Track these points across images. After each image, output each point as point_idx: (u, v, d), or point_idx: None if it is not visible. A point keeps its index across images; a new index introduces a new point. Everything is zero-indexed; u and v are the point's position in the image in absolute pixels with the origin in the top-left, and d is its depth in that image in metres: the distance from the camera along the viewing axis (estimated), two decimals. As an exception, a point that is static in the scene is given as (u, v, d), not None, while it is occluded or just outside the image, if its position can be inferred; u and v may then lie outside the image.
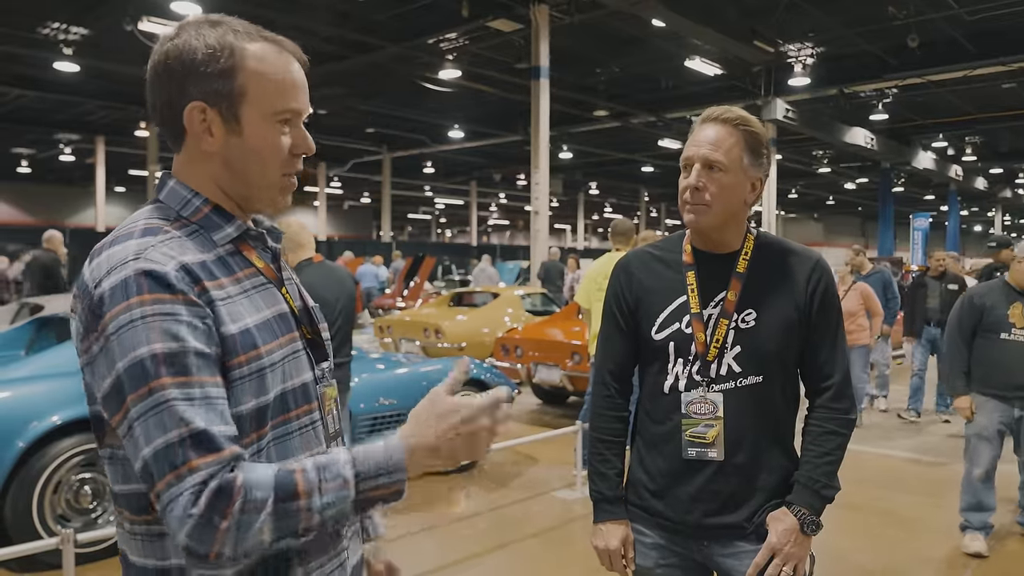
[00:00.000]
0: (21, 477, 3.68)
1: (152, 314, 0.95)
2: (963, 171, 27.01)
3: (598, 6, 11.86)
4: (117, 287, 0.96)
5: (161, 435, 0.93)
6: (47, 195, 33.01)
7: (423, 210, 46.02)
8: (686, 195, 1.66)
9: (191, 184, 1.11)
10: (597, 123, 20.26)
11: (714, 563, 1.73)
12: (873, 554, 4.18)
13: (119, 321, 0.95)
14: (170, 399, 0.93)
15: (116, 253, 1.00)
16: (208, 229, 1.09)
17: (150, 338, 0.94)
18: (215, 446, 0.93)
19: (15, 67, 16.02)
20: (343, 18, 12.90)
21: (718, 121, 1.65)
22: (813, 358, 1.71)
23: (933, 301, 7.45)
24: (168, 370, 0.94)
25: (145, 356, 0.94)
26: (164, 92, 1.08)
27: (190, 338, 0.96)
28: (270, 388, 1.06)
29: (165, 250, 1.01)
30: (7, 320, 6.37)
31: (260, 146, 1.09)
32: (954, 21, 12.93)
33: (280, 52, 1.11)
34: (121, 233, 1.05)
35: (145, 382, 0.94)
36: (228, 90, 1.06)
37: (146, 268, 0.97)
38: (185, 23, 1.10)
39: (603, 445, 1.79)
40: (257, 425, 1.05)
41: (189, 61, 1.06)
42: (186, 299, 0.98)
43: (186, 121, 1.07)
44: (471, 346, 9.10)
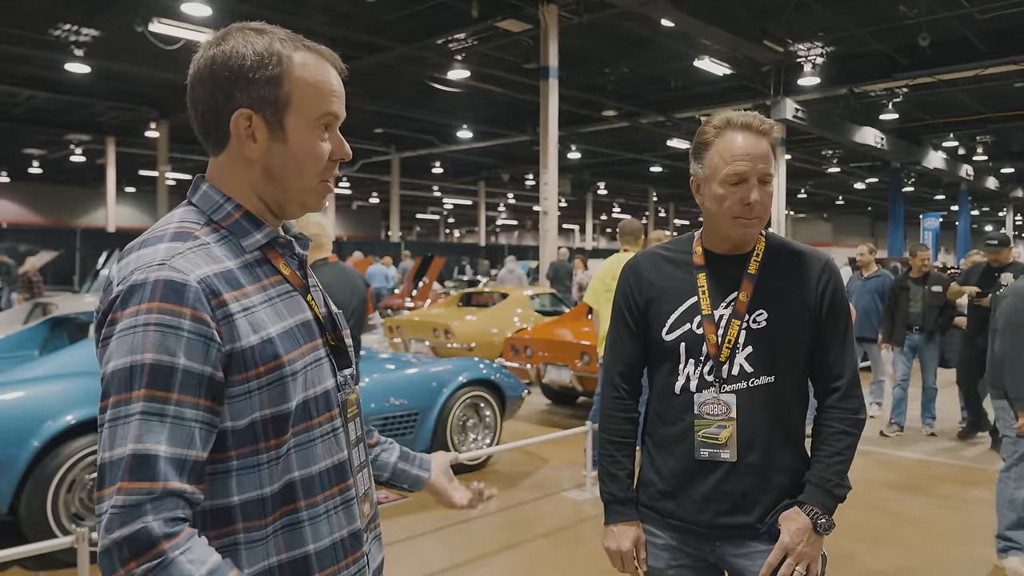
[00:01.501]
0: (36, 476, 3.72)
1: (155, 323, 0.96)
2: (974, 171, 26.84)
3: (607, 6, 11.84)
4: (135, 288, 0.98)
5: (116, 446, 0.94)
6: (58, 195, 33.24)
7: (431, 210, 46.07)
8: (742, 210, 1.65)
9: (225, 189, 1.13)
10: (606, 123, 20.22)
11: (726, 563, 1.74)
12: (884, 555, 4.17)
13: (125, 322, 0.97)
14: (136, 412, 0.94)
15: (145, 255, 1.02)
16: (238, 235, 1.10)
17: (144, 346, 0.96)
18: (152, 474, 0.93)
19: (27, 68, 16.14)
20: (352, 19, 12.93)
21: (758, 132, 1.65)
22: (822, 358, 1.72)
23: (916, 305, 6.88)
24: (150, 382, 0.95)
25: (135, 363, 0.96)
26: (209, 97, 1.09)
27: (182, 355, 0.97)
28: (292, 396, 1.07)
29: (192, 258, 1.02)
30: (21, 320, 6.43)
31: (302, 152, 1.11)
32: (965, 20, 12.85)
33: (321, 61, 1.13)
34: (153, 235, 1.06)
35: (126, 389, 0.95)
36: (274, 97, 1.08)
37: (166, 276, 0.99)
38: (230, 30, 1.11)
39: (613, 446, 1.80)
40: (276, 433, 1.06)
41: (237, 67, 1.07)
42: (195, 314, 0.98)
43: (232, 127, 1.09)
44: (480, 346, 9.12)
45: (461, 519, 4.69)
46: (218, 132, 1.10)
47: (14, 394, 3.85)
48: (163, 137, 20.92)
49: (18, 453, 3.68)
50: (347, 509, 1.15)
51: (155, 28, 12.06)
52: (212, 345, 0.99)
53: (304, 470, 1.09)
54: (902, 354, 6.92)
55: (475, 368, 5.80)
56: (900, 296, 6.95)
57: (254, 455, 1.04)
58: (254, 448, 1.04)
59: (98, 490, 0.95)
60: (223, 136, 1.10)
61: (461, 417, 5.65)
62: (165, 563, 0.91)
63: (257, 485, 1.05)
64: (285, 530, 1.07)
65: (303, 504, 1.09)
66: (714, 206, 1.68)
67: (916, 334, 6.88)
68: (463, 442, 5.66)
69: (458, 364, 5.84)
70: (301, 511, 1.09)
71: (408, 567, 3.93)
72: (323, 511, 1.11)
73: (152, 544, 0.91)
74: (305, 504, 1.09)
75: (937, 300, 6.82)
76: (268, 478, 1.05)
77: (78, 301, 6.74)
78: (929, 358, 6.90)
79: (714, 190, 1.67)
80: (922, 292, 6.86)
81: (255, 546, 1.05)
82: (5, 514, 3.72)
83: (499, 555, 4.16)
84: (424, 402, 5.38)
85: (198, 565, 0.93)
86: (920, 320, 6.83)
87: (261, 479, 1.05)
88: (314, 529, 1.10)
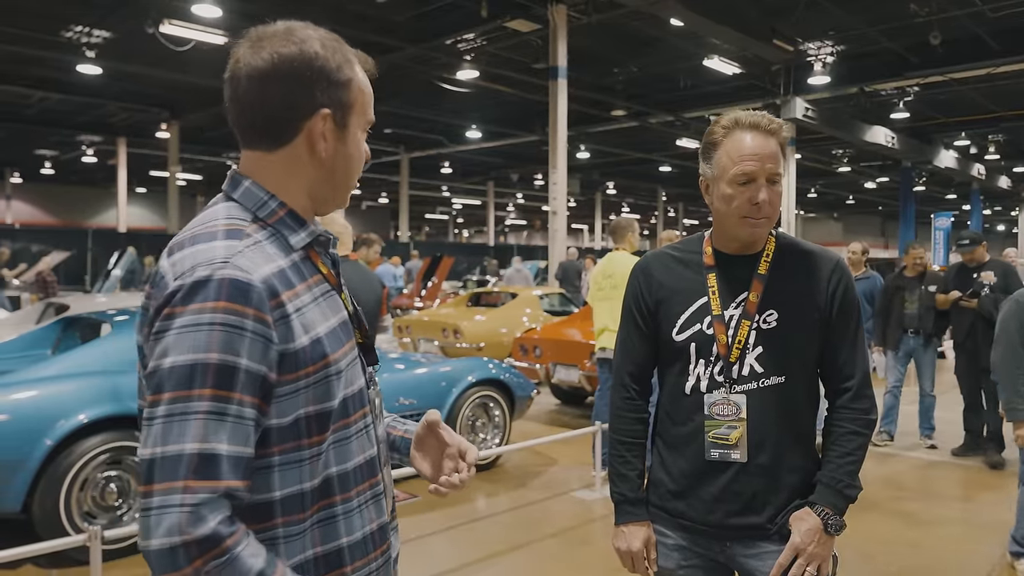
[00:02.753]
0: (49, 475, 3.75)
1: (221, 323, 0.97)
2: (986, 170, 26.66)
3: (616, 6, 11.83)
4: (199, 285, 0.98)
5: (172, 442, 0.94)
6: (70, 196, 33.46)
7: (440, 210, 46.11)
8: (750, 210, 1.65)
9: (269, 186, 1.12)
10: (615, 123, 20.19)
11: (736, 564, 1.74)
12: (895, 556, 4.15)
13: (188, 319, 0.97)
14: (201, 411, 0.95)
15: (203, 251, 1.02)
16: (284, 233, 1.11)
17: (210, 345, 0.96)
18: (216, 474, 0.94)
19: (39, 70, 16.25)
20: (362, 20, 12.96)
21: (766, 132, 1.65)
22: (833, 359, 1.72)
23: (911, 306, 6.42)
24: (215, 381, 0.96)
25: (199, 361, 0.96)
26: (285, 94, 1.09)
27: (245, 355, 0.98)
28: (335, 394, 1.09)
29: (252, 257, 1.03)
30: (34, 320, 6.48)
31: (355, 153, 1.17)
32: (977, 18, 12.78)
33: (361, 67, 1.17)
34: (202, 231, 1.06)
35: (189, 386, 0.95)
36: (346, 100, 1.13)
37: (232, 276, 0.99)
38: (292, 27, 1.12)
39: (623, 447, 1.80)
40: (318, 430, 1.07)
41: (320, 68, 1.09)
42: (257, 315, 0.99)
43: (310, 126, 1.10)
44: (489, 346, 9.12)
45: (470, 519, 4.70)
46: (284, 129, 1.10)
47: (27, 393, 3.87)
48: (174, 138, 21.01)
49: (31, 452, 3.70)
50: (376, 503, 1.18)
51: (166, 29, 12.13)
52: (270, 346, 1.01)
53: (340, 466, 1.11)
54: (895, 359, 6.51)
55: (484, 368, 5.81)
56: (895, 297, 6.52)
57: (296, 451, 1.06)
58: (296, 444, 1.06)
59: (146, 484, 0.94)
60: (289, 133, 1.11)
61: (470, 417, 5.66)
62: (231, 559, 0.94)
63: (298, 480, 1.06)
64: (321, 524, 1.09)
65: (339, 499, 1.11)
66: (723, 206, 1.68)
67: (912, 337, 6.44)
68: (472, 442, 5.66)
69: (467, 364, 5.85)
70: (336, 506, 1.11)
71: (418, 566, 3.93)
72: (356, 505, 1.14)
73: (218, 542, 0.93)
74: (340, 499, 1.11)
75: (934, 301, 6.38)
76: (309, 473, 1.07)
77: (90, 301, 6.79)
78: (926, 363, 6.45)
79: (723, 190, 1.67)
80: (919, 292, 6.43)
81: (293, 540, 1.06)
82: (18, 512, 3.74)
83: (508, 555, 4.16)
84: (433, 402, 5.39)
85: (257, 558, 0.96)
86: (916, 322, 6.40)
87: (302, 474, 1.07)
88: (347, 523, 1.12)
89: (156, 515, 0.92)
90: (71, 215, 32.88)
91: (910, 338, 6.46)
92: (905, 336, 6.47)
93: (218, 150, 25.45)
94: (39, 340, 5.43)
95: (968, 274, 6.16)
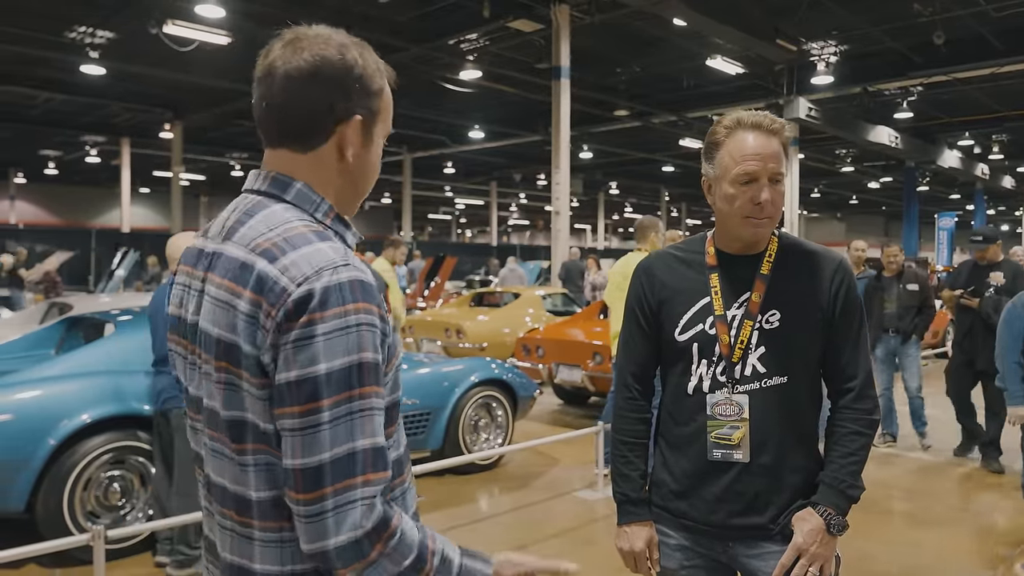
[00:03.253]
0: (52, 474, 3.76)
1: (366, 323, 1.00)
2: (990, 170, 26.60)
3: (619, 6, 11.82)
4: (333, 289, 0.98)
5: (347, 441, 0.97)
6: (74, 196, 33.52)
7: (443, 210, 46.12)
8: (752, 210, 1.65)
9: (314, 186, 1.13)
10: (618, 123, 20.18)
11: (739, 564, 1.73)
12: (897, 556, 4.15)
13: (334, 323, 0.97)
14: (370, 408, 1.00)
15: (313, 255, 1.01)
16: (343, 233, 1.14)
17: (361, 345, 0.99)
18: (385, 464, 1.01)
19: (44, 71, 16.29)
20: (365, 20, 12.97)
21: (768, 132, 1.65)
22: (835, 359, 1.71)
23: (891, 305, 6.35)
24: (371, 379, 1.00)
25: (354, 362, 0.98)
26: (321, 96, 1.09)
27: (380, 350, 1.03)
28: (400, 385, 1.15)
29: (354, 257, 1.06)
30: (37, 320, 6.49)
31: (375, 162, 1.19)
32: (981, 18, 12.75)
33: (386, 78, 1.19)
34: (290, 233, 1.04)
35: (349, 387, 0.98)
36: (375, 108, 1.15)
37: (359, 277, 1.01)
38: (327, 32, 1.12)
39: (626, 447, 1.80)
40: (392, 419, 1.12)
41: (359, 76, 1.11)
42: (380, 312, 1.03)
43: (343, 131, 1.11)
44: (492, 346, 9.12)
45: (473, 519, 4.70)
46: (318, 132, 1.11)
47: (31, 393, 3.88)
48: (177, 138, 21.05)
49: (35, 451, 3.71)
50: (411, 489, 1.23)
51: (169, 30, 12.15)
52: (386, 340, 1.06)
53: (398, 451, 1.16)
54: (880, 360, 6.39)
55: (487, 368, 5.81)
56: (874, 297, 6.43)
57: None
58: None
59: (312, 490, 0.96)
60: (321, 136, 1.11)
61: (473, 417, 5.66)
62: (401, 535, 1.01)
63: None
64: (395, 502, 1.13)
65: (398, 481, 1.15)
66: (725, 206, 1.68)
67: (892, 337, 6.35)
68: (475, 442, 5.67)
69: (470, 364, 5.85)
70: (397, 488, 1.15)
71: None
72: (407, 487, 1.19)
73: (388, 523, 1.00)
74: (398, 481, 1.16)
75: (913, 300, 6.29)
76: (390, 462, 1.11)
77: (93, 301, 6.80)
78: (910, 363, 6.36)
79: (725, 190, 1.67)
80: (896, 291, 6.36)
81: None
82: (22, 512, 3.75)
83: (511, 555, 4.16)
84: (436, 402, 5.40)
85: (413, 530, 1.04)
86: (896, 322, 6.31)
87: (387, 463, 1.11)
88: (404, 503, 1.17)
89: (334, 515, 0.96)
90: (75, 215, 32.94)
91: (891, 338, 6.37)
92: (885, 336, 6.38)
93: (221, 150, 25.50)
94: (43, 340, 5.44)
95: (980, 272, 5.98)
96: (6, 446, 3.68)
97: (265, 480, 1.05)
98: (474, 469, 5.57)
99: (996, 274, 5.84)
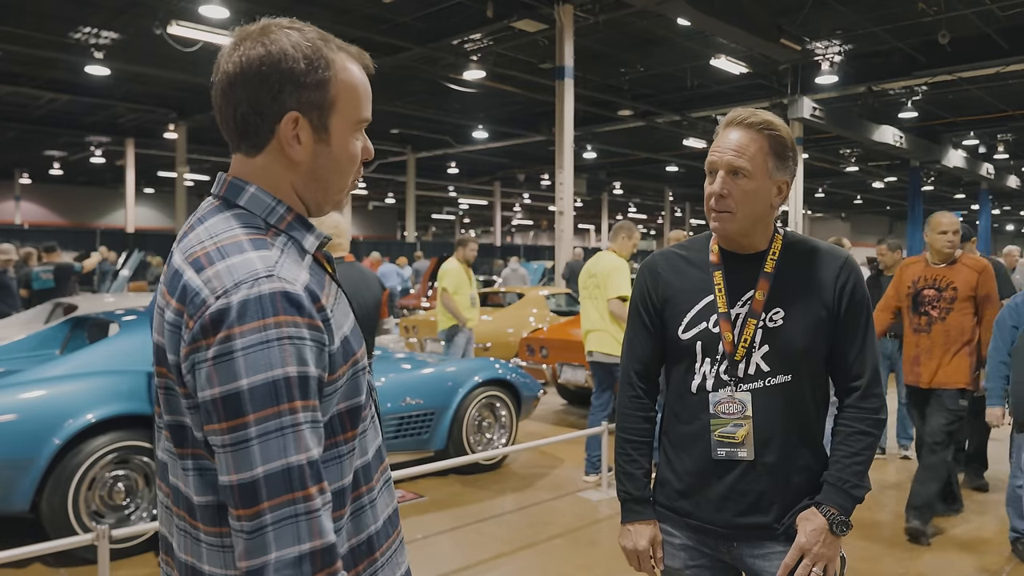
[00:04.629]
0: (57, 474, 3.77)
1: (288, 336, 0.96)
2: (995, 169, 26.53)
3: (623, 5, 11.81)
4: (251, 303, 0.95)
5: (281, 456, 0.94)
6: (78, 197, 33.59)
7: (447, 210, 46.13)
8: (711, 202, 1.67)
9: (269, 190, 1.11)
10: (621, 123, 20.16)
11: (743, 564, 1.73)
12: (903, 557, 4.13)
13: (252, 338, 0.94)
14: (300, 423, 0.95)
15: (238, 266, 0.99)
16: (298, 238, 1.10)
17: (285, 360, 0.95)
18: (322, 479, 0.97)
19: (48, 71, 16.32)
20: (369, 20, 12.98)
21: (743, 126, 1.65)
22: (842, 357, 1.71)
23: None
24: (300, 393, 0.96)
25: (279, 377, 0.94)
26: (254, 97, 1.07)
27: (312, 363, 0.98)
28: (362, 388, 1.11)
29: (289, 265, 1.02)
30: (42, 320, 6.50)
31: (343, 155, 1.13)
32: (986, 17, 12.71)
33: (355, 63, 1.14)
34: (226, 242, 1.03)
35: (276, 403, 0.94)
36: (322, 101, 1.08)
37: (282, 289, 0.97)
38: (267, 27, 1.09)
39: (630, 445, 1.80)
40: (351, 425, 1.10)
41: (288, 70, 1.06)
42: (310, 322, 0.99)
43: (280, 130, 1.08)
44: (496, 346, 9.12)
45: (477, 519, 4.70)
46: (260, 133, 1.09)
47: (36, 393, 3.89)
48: (181, 139, 21.09)
49: (39, 451, 3.72)
50: (388, 487, 1.21)
51: (173, 30, 12.16)
52: (324, 350, 1.01)
53: (363, 457, 1.13)
54: None
55: (491, 368, 5.81)
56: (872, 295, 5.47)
57: (334, 447, 1.07)
58: (334, 442, 1.07)
59: (248, 506, 0.93)
60: (265, 137, 1.09)
61: (477, 417, 5.65)
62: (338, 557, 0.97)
63: (339, 476, 1.08)
64: (355, 515, 1.11)
65: (364, 489, 1.13)
66: None
67: (889, 340, 5.88)
68: (479, 442, 5.67)
69: (474, 364, 5.86)
70: (364, 495, 1.13)
71: (424, 566, 3.93)
72: (377, 492, 1.16)
73: (335, 557, 0.96)
74: (366, 489, 1.13)
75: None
76: (348, 468, 1.09)
77: (98, 301, 6.81)
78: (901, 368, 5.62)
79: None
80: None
81: (338, 536, 1.07)
82: (27, 511, 3.76)
83: (515, 555, 4.16)
84: (440, 402, 5.40)
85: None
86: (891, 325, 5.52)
87: (343, 470, 1.08)
88: (373, 511, 1.14)
89: (274, 529, 0.92)
90: (79, 216, 33.01)
91: (888, 341, 5.91)
92: (882, 339, 5.81)
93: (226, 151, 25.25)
94: (47, 340, 5.46)
95: None
96: (11, 446, 3.69)
97: (203, 484, 1.04)
98: (478, 469, 5.57)
99: None
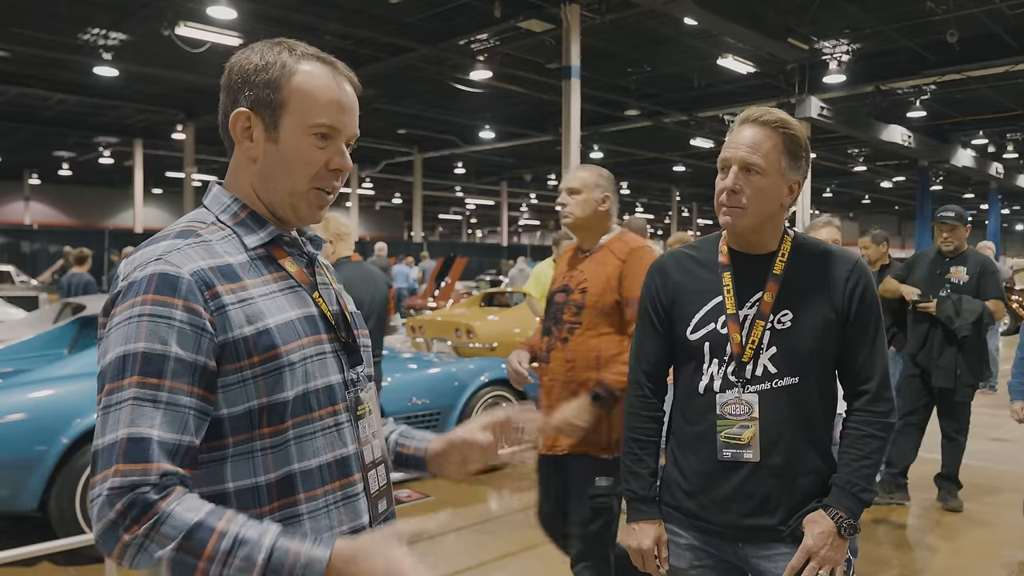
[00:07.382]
0: (65, 473, 3.78)
1: (148, 314, 1.02)
2: (1004, 169, 26.39)
3: (630, 5, 11.80)
4: (134, 284, 1.04)
5: (111, 432, 0.99)
6: (87, 197, 33.76)
7: (454, 210, 46.18)
8: (722, 197, 1.66)
9: (232, 190, 1.19)
10: (628, 123, 20.15)
11: (749, 565, 1.72)
12: (912, 561, 4.11)
13: (122, 315, 1.03)
14: (129, 398, 0.99)
15: (147, 252, 1.08)
16: (242, 233, 1.16)
17: (138, 336, 1.01)
18: (147, 457, 0.97)
19: (58, 72, 16.41)
20: (375, 21, 13.00)
21: (757, 123, 1.64)
22: (851, 360, 1.70)
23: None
24: (142, 369, 1.00)
25: (128, 352, 1.01)
26: (223, 101, 1.17)
27: (174, 343, 1.02)
28: (288, 387, 1.09)
29: (189, 253, 1.08)
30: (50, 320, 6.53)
31: (292, 156, 1.15)
32: (995, 15, 12.65)
33: (333, 74, 1.17)
34: (160, 235, 1.13)
35: (119, 377, 1.00)
36: (271, 100, 1.14)
37: (161, 270, 1.04)
38: (254, 44, 1.19)
39: (637, 445, 1.80)
40: (272, 421, 1.09)
41: (243, 72, 1.15)
42: (187, 305, 1.03)
43: (231, 125, 1.15)
44: (502, 346, 9.11)
45: (482, 519, 4.70)
46: (228, 135, 1.18)
47: (44, 392, 3.91)
48: (189, 139, 21.17)
49: (48, 450, 3.74)
50: (348, 505, 1.15)
51: (181, 31, 12.21)
52: (204, 335, 1.04)
53: (304, 463, 1.11)
54: None
55: (497, 368, 5.81)
56: None
57: (249, 442, 1.08)
58: (249, 435, 1.08)
59: (91, 476, 0.99)
60: (228, 139, 1.18)
61: (483, 417, 5.65)
62: (163, 517, 0.95)
63: (251, 473, 1.08)
64: (284, 523, 1.07)
65: (302, 497, 1.10)
66: None
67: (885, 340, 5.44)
68: (485, 442, 5.66)
69: (480, 364, 5.85)
70: (300, 504, 1.10)
71: (430, 566, 3.93)
72: (323, 505, 1.12)
73: (149, 506, 0.96)
74: (304, 497, 1.11)
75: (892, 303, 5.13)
76: (263, 466, 1.08)
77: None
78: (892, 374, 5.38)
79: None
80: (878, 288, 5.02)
81: None
82: (35, 510, 3.78)
83: (521, 555, 4.16)
84: (446, 401, 5.40)
85: (195, 511, 0.97)
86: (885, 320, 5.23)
87: (255, 466, 1.08)
88: (313, 523, 1.11)
89: (97, 503, 0.97)
90: (88, 216, 33.17)
91: None
92: None
93: (233, 151, 25.58)
94: (56, 339, 5.48)
95: (941, 265, 4.88)
96: (20, 445, 3.71)
97: None
98: (483, 469, 5.56)
99: (958, 269, 4.83)
